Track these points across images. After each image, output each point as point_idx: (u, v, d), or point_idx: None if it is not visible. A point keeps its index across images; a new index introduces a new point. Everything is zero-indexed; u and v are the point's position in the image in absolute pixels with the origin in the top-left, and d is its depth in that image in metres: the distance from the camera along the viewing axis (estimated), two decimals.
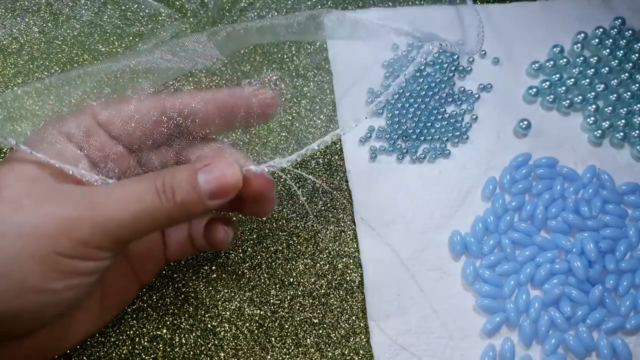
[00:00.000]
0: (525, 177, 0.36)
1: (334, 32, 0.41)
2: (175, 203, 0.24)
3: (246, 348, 0.32)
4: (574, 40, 0.41)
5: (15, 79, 0.38)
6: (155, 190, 0.24)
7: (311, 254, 0.35)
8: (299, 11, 0.41)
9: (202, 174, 0.25)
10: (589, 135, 0.38)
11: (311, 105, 0.38)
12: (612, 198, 0.36)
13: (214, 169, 0.25)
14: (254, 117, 0.27)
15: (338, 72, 0.39)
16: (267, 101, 0.27)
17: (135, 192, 0.24)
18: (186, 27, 0.40)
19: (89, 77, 0.27)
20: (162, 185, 0.24)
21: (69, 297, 0.24)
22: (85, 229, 0.23)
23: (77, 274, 0.23)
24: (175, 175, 0.24)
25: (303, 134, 0.37)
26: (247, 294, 0.33)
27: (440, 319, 0.33)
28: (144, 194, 0.24)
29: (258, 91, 0.27)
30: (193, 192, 0.24)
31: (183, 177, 0.24)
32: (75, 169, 0.25)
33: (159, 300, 0.33)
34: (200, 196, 0.24)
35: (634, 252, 0.35)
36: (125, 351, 0.32)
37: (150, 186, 0.24)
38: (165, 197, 0.24)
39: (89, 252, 0.23)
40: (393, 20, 0.41)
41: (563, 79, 0.39)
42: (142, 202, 0.23)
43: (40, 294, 0.23)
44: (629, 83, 0.39)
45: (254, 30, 0.30)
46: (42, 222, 0.22)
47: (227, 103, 0.27)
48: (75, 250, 0.23)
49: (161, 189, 0.24)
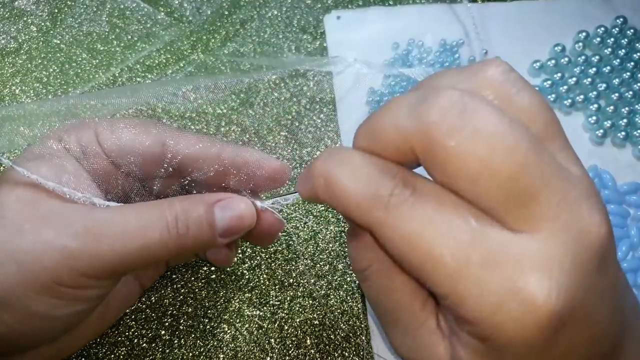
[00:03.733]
0: None
1: (334, 31, 0.41)
2: (186, 239, 0.23)
3: (246, 349, 0.32)
4: (576, 39, 0.40)
5: (14, 78, 0.38)
6: (165, 224, 0.22)
7: (311, 254, 0.34)
8: (298, 9, 0.41)
9: (219, 210, 0.23)
10: (591, 134, 0.38)
11: (311, 105, 0.38)
12: (613, 198, 0.36)
13: (231, 206, 0.24)
14: (257, 185, 0.26)
15: (338, 72, 0.39)
16: (273, 175, 0.25)
17: (142, 224, 0.22)
18: (185, 26, 0.40)
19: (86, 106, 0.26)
20: (174, 219, 0.22)
21: (75, 320, 0.24)
22: (85, 260, 0.21)
23: (81, 301, 0.23)
24: (189, 209, 0.23)
25: (303, 134, 0.37)
26: (247, 295, 0.33)
27: None
28: (151, 227, 0.22)
29: (263, 162, 0.25)
30: (209, 229, 0.23)
31: (199, 212, 0.23)
32: (72, 191, 0.23)
33: (158, 301, 0.33)
34: (214, 234, 0.23)
35: (636, 252, 0.35)
36: (124, 352, 0.31)
37: (160, 220, 0.22)
38: (177, 232, 0.22)
39: (87, 282, 0.22)
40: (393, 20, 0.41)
41: (564, 78, 0.39)
42: (148, 236, 0.22)
43: (45, 321, 0.22)
44: (630, 82, 0.39)
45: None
46: (41, 253, 0.21)
47: (229, 165, 0.25)
48: (74, 281, 0.22)
49: (173, 224, 0.22)
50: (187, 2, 0.41)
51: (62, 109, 0.26)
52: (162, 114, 0.33)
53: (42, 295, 0.21)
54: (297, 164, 0.37)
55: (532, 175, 0.17)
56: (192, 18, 0.40)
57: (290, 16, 0.41)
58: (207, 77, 0.30)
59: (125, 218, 0.22)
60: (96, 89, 0.38)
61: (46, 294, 0.22)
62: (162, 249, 0.22)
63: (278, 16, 0.41)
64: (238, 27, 0.40)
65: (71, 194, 0.23)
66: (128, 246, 0.22)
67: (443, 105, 0.17)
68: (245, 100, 0.37)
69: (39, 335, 0.23)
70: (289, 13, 0.41)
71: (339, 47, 0.40)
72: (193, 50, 0.39)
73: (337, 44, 0.40)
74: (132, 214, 0.22)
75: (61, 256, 0.21)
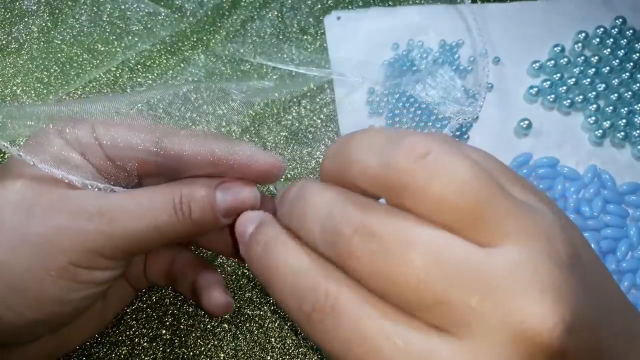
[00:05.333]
0: (526, 177, 0.36)
1: (334, 31, 0.41)
2: (192, 220, 0.24)
3: (246, 349, 0.32)
4: (575, 39, 0.40)
5: (15, 78, 0.38)
6: (172, 206, 0.23)
7: None
8: (299, 10, 0.41)
9: (220, 193, 0.24)
10: (590, 134, 0.38)
11: (311, 105, 0.38)
12: (613, 198, 0.36)
13: (232, 187, 0.24)
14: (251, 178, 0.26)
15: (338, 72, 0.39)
16: (266, 168, 0.25)
17: (153, 207, 0.23)
18: (185, 26, 0.40)
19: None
20: (179, 202, 0.23)
21: (84, 305, 0.24)
22: (100, 241, 0.22)
23: (94, 283, 0.23)
24: (193, 192, 0.24)
25: (303, 134, 0.37)
26: (247, 295, 0.33)
27: None
28: (161, 209, 0.23)
29: (256, 157, 0.25)
30: (210, 211, 0.24)
31: (202, 193, 0.24)
32: (78, 178, 0.23)
33: (158, 300, 0.33)
34: (217, 215, 0.24)
35: (635, 252, 0.35)
36: (125, 352, 0.32)
37: (168, 202, 0.23)
38: (182, 214, 0.23)
39: (103, 262, 0.23)
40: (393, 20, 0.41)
41: (564, 79, 0.39)
42: (157, 217, 0.23)
43: (58, 305, 0.23)
44: (629, 82, 0.39)
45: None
46: (54, 235, 0.22)
47: (222, 161, 0.25)
48: (90, 261, 0.23)
49: (179, 206, 0.23)
50: (188, 2, 0.41)
51: (60, 111, 0.27)
52: (163, 114, 0.34)
53: (57, 277, 0.22)
54: (297, 164, 0.37)
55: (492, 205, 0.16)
56: (193, 18, 0.41)
57: (291, 16, 0.41)
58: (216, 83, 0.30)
59: (137, 201, 0.23)
60: (96, 90, 0.38)
61: (62, 276, 0.22)
62: (171, 230, 0.23)
63: (278, 16, 0.41)
64: (238, 28, 0.40)
65: (79, 181, 0.23)
66: (140, 227, 0.23)
67: (410, 155, 0.16)
68: (245, 100, 0.38)
69: (48, 322, 0.23)
70: (289, 13, 0.41)
71: (339, 48, 0.40)
72: (193, 51, 0.39)
73: (337, 44, 0.40)
74: (144, 196, 0.24)
75: (78, 237, 0.22)
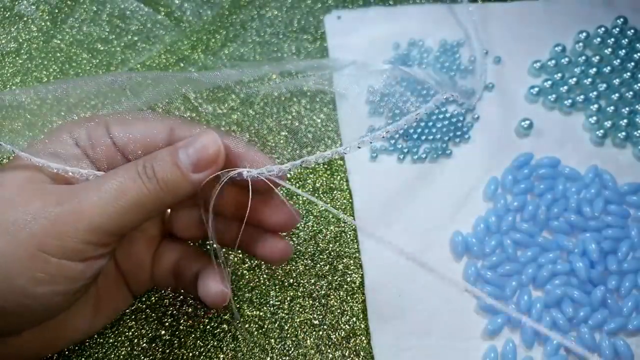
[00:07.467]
0: (527, 177, 0.36)
1: (335, 31, 0.41)
2: (158, 182, 0.24)
3: (245, 350, 0.32)
4: (576, 39, 0.40)
5: (14, 78, 0.38)
6: (135, 171, 0.24)
7: (311, 254, 0.34)
8: (299, 9, 0.41)
9: (182, 149, 0.24)
10: (591, 134, 0.38)
11: (311, 104, 0.38)
12: (614, 198, 0.36)
13: (193, 141, 0.24)
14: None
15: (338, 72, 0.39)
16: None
17: (119, 180, 0.23)
18: (185, 26, 0.40)
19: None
20: (142, 166, 0.24)
21: (57, 303, 0.23)
22: (69, 222, 0.22)
23: (64, 277, 0.23)
24: (154, 155, 0.24)
25: (303, 134, 0.37)
26: (247, 295, 0.33)
27: (442, 320, 0.33)
28: (127, 179, 0.23)
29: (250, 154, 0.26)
30: (175, 168, 0.24)
31: (163, 154, 0.24)
32: (75, 169, 0.24)
33: (158, 301, 0.33)
34: (183, 171, 0.24)
35: (636, 253, 0.35)
36: (124, 352, 0.31)
37: (132, 170, 0.24)
38: (147, 176, 0.23)
39: (77, 248, 0.23)
40: (394, 19, 0.41)
41: (565, 78, 0.39)
42: (125, 189, 0.23)
43: (24, 297, 0.22)
44: (631, 82, 0.39)
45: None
46: (28, 220, 0.22)
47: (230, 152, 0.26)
48: (62, 248, 0.22)
49: (142, 171, 0.24)
50: (188, 2, 0.41)
51: (63, 108, 0.27)
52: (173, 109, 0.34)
53: (27, 267, 0.22)
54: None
55: None
56: (192, 18, 0.40)
57: (291, 16, 0.41)
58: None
59: (104, 179, 0.24)
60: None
61: (32, 265, 0.22)
62: (142, 198, 0.23)
63: (278, 16, 0.41)
64: (238, 27, 0.40)
65: (74, 172, 0.24)
66: (110, 202, 0.23)
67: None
68: (245, 100, 0.37)
69: (17, 316, 0.23)
70: (289, 13, 0.41)
71: (340, 47, 0.40)
72: (193, 51, 0.39)
73: (338, 44, 0.40)
74: (110, 174, 0.24)
75: (46, 221, 0.22)
